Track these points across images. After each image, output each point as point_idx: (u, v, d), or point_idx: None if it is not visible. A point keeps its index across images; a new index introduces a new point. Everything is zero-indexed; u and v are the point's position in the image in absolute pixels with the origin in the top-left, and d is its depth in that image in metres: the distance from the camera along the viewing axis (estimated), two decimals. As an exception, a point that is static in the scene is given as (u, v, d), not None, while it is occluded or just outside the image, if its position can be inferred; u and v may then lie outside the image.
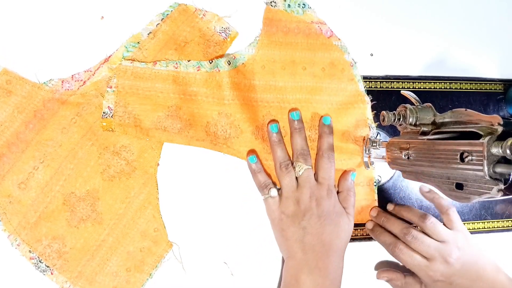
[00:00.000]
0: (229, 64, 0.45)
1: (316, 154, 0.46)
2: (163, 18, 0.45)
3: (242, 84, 0.45)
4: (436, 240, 0.43)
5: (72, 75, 0.44)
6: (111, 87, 0.43)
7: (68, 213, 0.43)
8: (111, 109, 0.43)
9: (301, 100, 0.47)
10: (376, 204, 0.49)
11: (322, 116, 0.46)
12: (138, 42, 0.45)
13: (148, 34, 0.45)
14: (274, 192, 0.43)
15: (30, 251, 0.42)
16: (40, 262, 0.42)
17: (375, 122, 0.49)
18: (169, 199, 0.45)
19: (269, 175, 0.45)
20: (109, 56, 0.44)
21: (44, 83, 0.43)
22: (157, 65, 0.44)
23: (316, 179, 0.44)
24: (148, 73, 0.44)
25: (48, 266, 0.42)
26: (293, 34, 0.47)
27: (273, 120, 0.46)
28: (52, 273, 0.42)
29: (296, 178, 0.44)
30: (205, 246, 0.46)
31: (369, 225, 0.48)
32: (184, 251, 0.45)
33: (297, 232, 0.42)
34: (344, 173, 0.47)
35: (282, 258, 0.46)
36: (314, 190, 0.43)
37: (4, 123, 0.42)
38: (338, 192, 0.46)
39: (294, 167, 0.44)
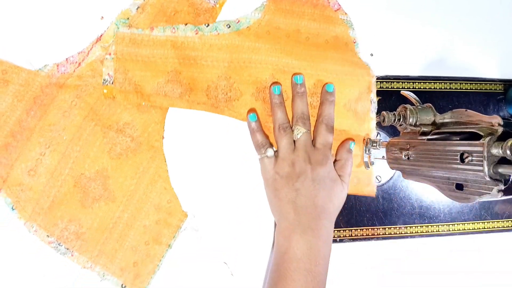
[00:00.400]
0: (228, 27, 0.45)
1: (316, 120, 0.46)
2: (149, -9, 0.45)
3: (245, 47, 0.45)
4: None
5: (67, 58, 0.44)
6: (110, 54, 0.43)
7: (80, 195, 0.43)
8: (111, 76, 0.43)
9: (306, 67, 0.46)
10: (373, 179, 0.49)
11: (325, 83, 0.46)
12: (128, 18, 0.44)
13: (137, 9, 0.45)
14: (270, 152, 0.43)
15: (48, 236, 0.42)
16: (60, 245, 0.43)
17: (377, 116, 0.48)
18: (178, 170, 0.46)
19: (267, 136, 0.46)
20: (101, 35, 0.44)
21: (40, 69, 0.43)
22: (155, 30, 0.44)
23: (314, 145, 0.44)
24: (146, 39, 0.44)
25: (67, 249, 0.43)
26: (300, 3, 0.47)
27: (276, 82, 0.46)
28: (72, 255, 0.43)
29: (294, 141, 0.44)
30: (217, 213, 0.46)
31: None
32: (199, 219, 0.46)
33: (290, 193, 0.42)
34: (344, 141, 0.47)
35: (275, 223, 0.46)
36: (310, 155, 0.43)
37: (6, 113, 0.42)
38: (335, 161, 0.46)
39: (292, 130, 0.44)
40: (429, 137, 0.37)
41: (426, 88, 0.51)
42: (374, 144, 0.46)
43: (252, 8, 0.47)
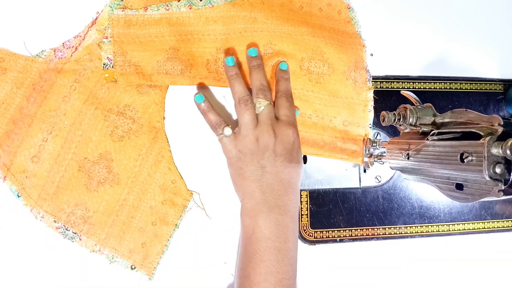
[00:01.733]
0: None
1: (275, 96, 0.44)
2: (142, -29, 0.45)
3: (241, 17, 0.45)
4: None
5: (63, 43, 0.44)
6: (106, 38, 0.43)
7: (85, 179, 0.43)
8: (111, 60, 0.43)
9: (303, 33, 0.46)
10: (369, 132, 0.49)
11: (279, 62, 0.45)
12: (121, 0, 0.44)
13: (130, -11, 0.44)
14: (228, 131, 0.41)
15: (55, 221, 0.43)
16: (67, 230, 0.43)
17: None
18: (181, 150, 0.46)
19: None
20: (96, 18, 0.44)
21: (37, 55, 0.43)
22: (149, 10, 0.43)
23: (277, 118, 0.42)
24: (141, 20, 0.43)
25: (75, 233, 0.43)
26: None
27: (229, 53, 0.44)
28: (80, 239, 0.43)
29: (256, 115, 0.42)
30: (223, 190, 0.46)
31: None
32: (205, 198, 0.46)
33: (255, 171, 0.40)
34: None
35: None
36: (275, 127, 0.41)
37: (6, 100, 0.42)
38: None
39: (254, 104, 0.42)
40: (429, 137, 0.37)
41: (426, 88, 0.51)
42: (374, 144, 0.46)
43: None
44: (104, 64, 0.43)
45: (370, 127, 0.48)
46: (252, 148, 0.41)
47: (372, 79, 0.49)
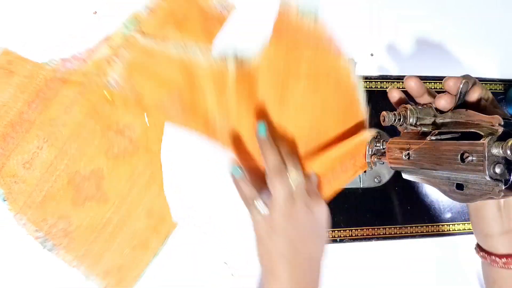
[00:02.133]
0: (236, 62, 0.44)
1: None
2: (162, -5, 0.45)
3: (247, 86, 0.44)
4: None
5: (73, 54, 0.44)
6: (118, 57, 0.43)
7: (73, 192, 0.43)
8: (116, 81, 0.43)
9: (307, 116, 0.45)
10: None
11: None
12: (138, 20, 0.44)
13: (147, 11, 0.44)
14: (263, 207, 0.38)
15: (36, 230, 0.42)
16: (47, 240, 0.42)
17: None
18: (174, 177, 0.45)
19: (261, 180, 0.40)
20: (109, 35, 0.44)
21: (46, 62, 0.43)
22: (167, 44, 0.43)
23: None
24: (157, 51, 0.43)
25: (54, 245, 0.42)
26: (302, 47, 0.44)
27: (260, 120, 0.42)
28: (58, 252, 0.42)
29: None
30: (209, 225, 0.46)
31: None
32: (189, 228, 0.45)
33: (287, 252, 0.38)
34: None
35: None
36: (307, 202, 0.39)
37: (8, 103, 0.42)
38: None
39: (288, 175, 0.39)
40: (429, 137, 0.37)
41: None
42: (377, 143, 0.45)
43: (258, 20, 0.46)
44: (108, 82, 0.43)
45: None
46: (284, 226, 0.38)
47: (372, 79, 0.49)
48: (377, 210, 0.49)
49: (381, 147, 0.45)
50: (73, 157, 0.43)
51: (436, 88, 0.51)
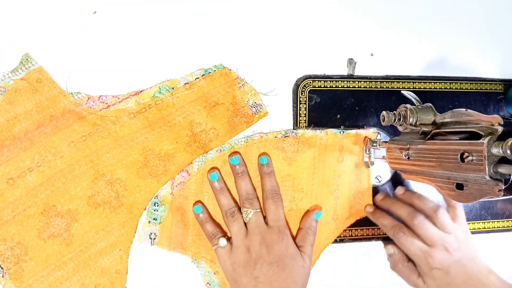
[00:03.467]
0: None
1: (262, 197, 0.45)
2: (204, 74, 0.46)
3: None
4: (439, 229, 0.43)
5: (100, 96, 0.44)
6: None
7: (42, 224, 0.42)
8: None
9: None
10: (370, 201, 0.49)
11: (259, 156, 0.46)
12: (173, 88, 0.45)
13: (185, 84, 0.45)
14: (223, 242, 0.43)
15: (-9, 247, 0.42)
16: (-3, 261, 0.42)
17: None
18: (141, 247, 0.45)
19: (218, 225, 0.45)
20: (141, 91, 0.45)
21: (71, 93, 0.44)
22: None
23: (266, 223, 0.43)
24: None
25: (2, 268, 0.42)
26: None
27: (213, 168, 0.45)
28: (3, 276, 0.42)
29: (245, 224, 0.43)
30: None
31: (369, 208, 0.48)
32: (136, 301, 0.44)
33: (249, 283, 0.41)
34: (308, 211, 0.47)
35: None
36: (264, 235, 0.42)
37: (19, 116, 0.42)
38: (298, 229, 0.46)
39: (241, 213, 0.44)
40: (429, 137, 0.37)
41: (426, 88, 0.51)
42: (374, 144, 0.46)
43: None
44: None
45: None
46: (244, 258, 0.42)
47: (372, 79, 0.49)
48: None
49: (378, 147, 0.45)
50: (57, 191, 0.43)
51: (436, 88, 0.51)
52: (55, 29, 0.44)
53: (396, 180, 0.50)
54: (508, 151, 0.28)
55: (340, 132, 0.48)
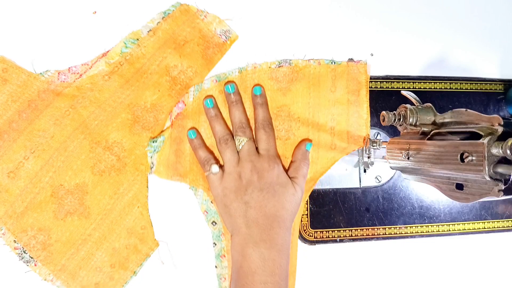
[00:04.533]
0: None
1: (254, 127, 0.45)
2: (164, 17, 0.45)
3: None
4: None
5: (69, 68, 0.44)
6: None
7: (55, 205, 0.43)
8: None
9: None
10: (369, 131, 0.48)
11: (253, 87, 0.46)
12: (138, 39, 0.45)
13: (148, 31, 0.45)
14: (215, 168, 0.43)
15: (15, 241, 0.42)
16: (25, 252, 0.42)
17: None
18: (158, 198, 0.45)
19: (211, 152, 0.45)
20: (107, 51, 0.44)
21: (41, 73, 0.43)
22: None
23: (258, 152, 0.44)
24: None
25: (32, 257, 0.42)
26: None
27: (208, 96, 0.45)
28: (35, 265, 0.42)
29: (238, 152, 0.43)
30: (192, 247, 0.46)
31: None
32: (171, 250, 0.45)
33: (240, 207, 0.41)
34: (300, 142, 0.47)
35: None
36: (256, 163, 0.42)
37: (-2, 111, 0.42)
38: (291, 162, 0.46)
39: (234, 141, 0.44)
40: (429, 137, 0.37)
41: (426, 88, 0.51)
42: (374, 144, 0.46)
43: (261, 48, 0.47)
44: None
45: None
46: (235, 184, 0.42)
47: (372, 79, 0.49)
48: (377, 210, 0.50)
49: (378, 147, 0.45)
50: (59, 170, 0.43)
51: (436, 88, 0.51)
52: (5, 17, 0.43)
53: (396, 180, 0.51)
54: (508, 151, 0.28)
55: (331, 63, 0.47)
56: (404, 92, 0.42)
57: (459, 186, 0.34)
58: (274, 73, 0.46)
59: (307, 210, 0.48)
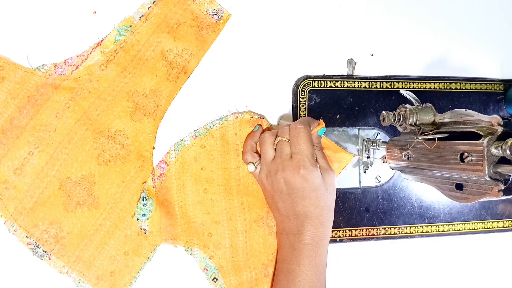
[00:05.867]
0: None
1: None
2: (154, 1, 0.45)
3: None
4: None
5: (65, 60, 0.44)
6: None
7: (64, 198, 0.43)
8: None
9: None
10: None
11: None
12: (130, 26, 0.44)
13: (140, 17, 0.45)
14: (251, 167, 0.44)
15: (27, 237, 0.42)
16: (38, 247, 0.42)
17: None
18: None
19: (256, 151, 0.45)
20: (102, 40, 0.44)
21: (37, 68, 0.43)
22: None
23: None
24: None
25: (45, 251, 0.42)
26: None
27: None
28: (50, 258, 0.42)
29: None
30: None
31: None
32: (182, 234, 0.45)
33: (273, 204, 0.43)
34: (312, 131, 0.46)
35: None
36: (286, 165, 0.42)
37: (-2, 109, 0.42)
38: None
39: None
40: (429, 137, 0.37)
41: (426, 88, 0.51)
42: (374, 144, 0.46)
43: (254, 27, 0.47)
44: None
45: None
46: (266, 182, 0.43)
47: (372, 79, 0.49)
48: (377, 210, 0.50)
49: (378, 147, 0.45)
50: (64, 163, 0.43)
51: (436, 88, 0.51)
52: (-6, 13, 0.43)
53: (396, 180, 0.50)
54: (508, 151, 0.28)
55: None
56: (402, 92, 0.42)
57: (459, 186, 0.34)
58: (256, 122, 0.46)
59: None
